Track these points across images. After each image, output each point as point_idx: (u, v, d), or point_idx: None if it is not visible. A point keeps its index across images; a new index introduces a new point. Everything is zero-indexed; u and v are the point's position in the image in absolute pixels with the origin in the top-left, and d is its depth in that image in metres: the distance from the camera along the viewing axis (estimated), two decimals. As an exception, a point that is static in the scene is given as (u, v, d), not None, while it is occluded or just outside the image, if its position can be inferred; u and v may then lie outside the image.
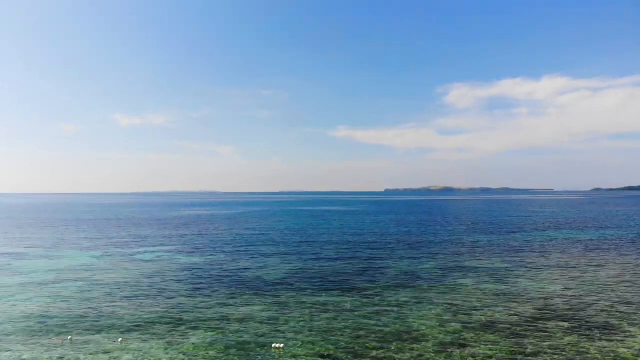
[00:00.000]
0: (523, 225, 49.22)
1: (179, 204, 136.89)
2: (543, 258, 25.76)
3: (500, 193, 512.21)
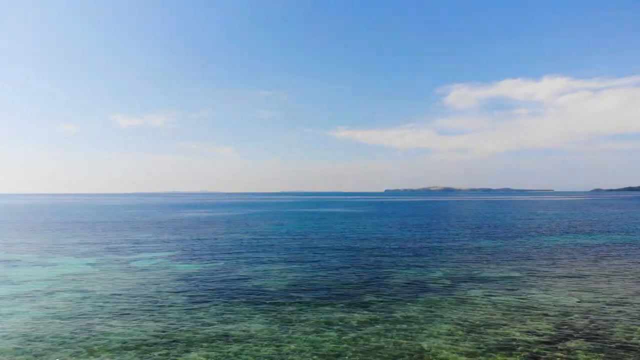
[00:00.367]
0: (527, 228, 48.37)
1: (179, 205, 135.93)
2: (552, 266, 24.92)
3: (500, 194, 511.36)
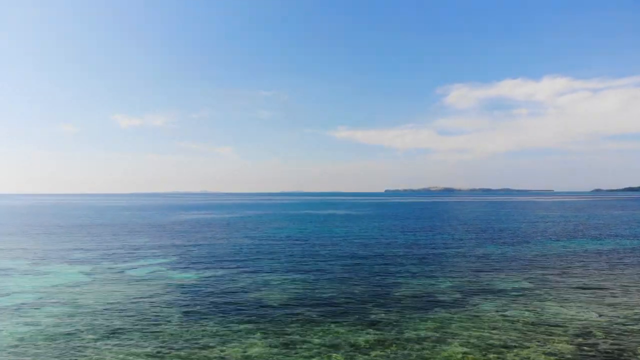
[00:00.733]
0: (533, 233, 47.38)
1: (178, 207, 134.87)
2: (565, 275, 23.92)
3: (500, 194, 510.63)
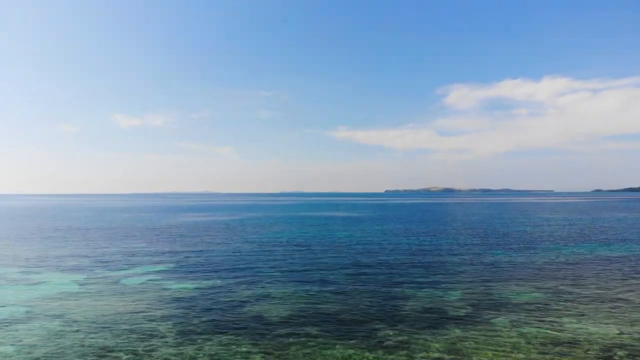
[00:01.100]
0: (539, 237, 46.39)
1: (177, 208, 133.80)
2: (578, 286, 22.92)
3: (500, 194, 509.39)
